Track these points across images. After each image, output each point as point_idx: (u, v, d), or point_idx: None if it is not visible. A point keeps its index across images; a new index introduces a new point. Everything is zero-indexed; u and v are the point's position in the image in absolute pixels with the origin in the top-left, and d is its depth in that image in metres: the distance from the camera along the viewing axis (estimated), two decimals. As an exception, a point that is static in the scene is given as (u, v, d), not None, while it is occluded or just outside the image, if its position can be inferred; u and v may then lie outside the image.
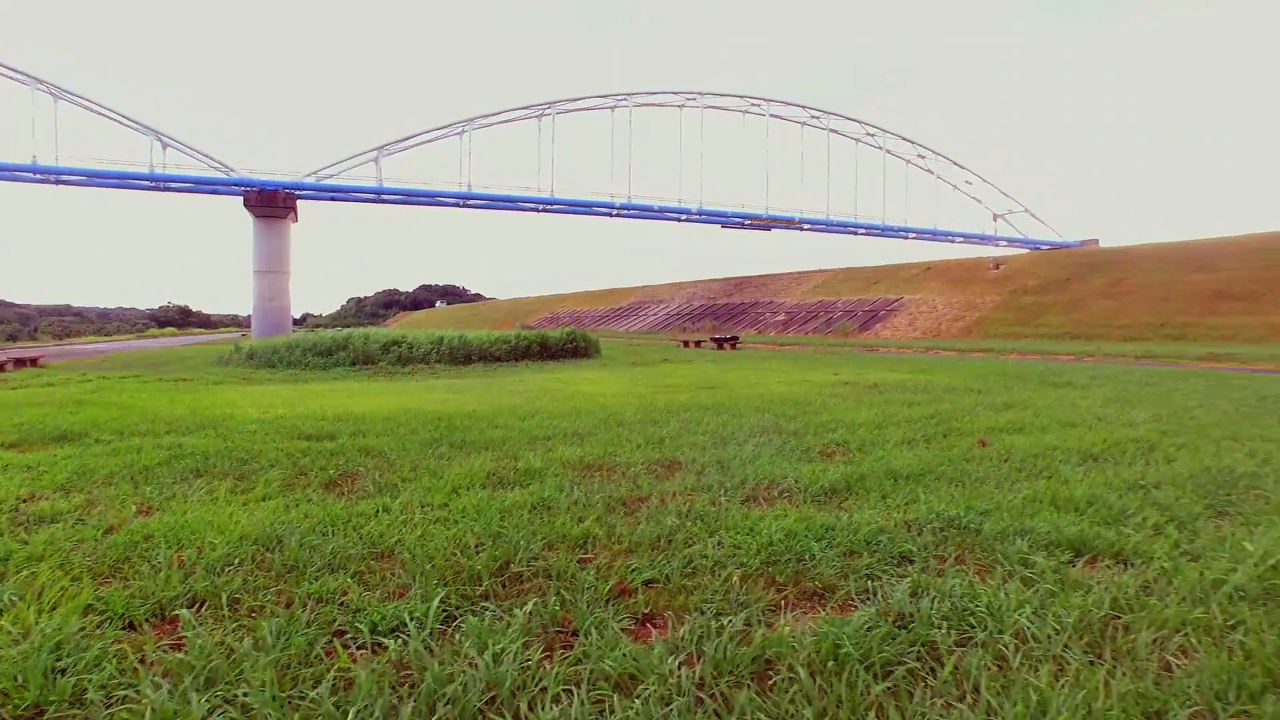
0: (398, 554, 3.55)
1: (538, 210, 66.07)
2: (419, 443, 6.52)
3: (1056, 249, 73.37)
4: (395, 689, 2.33)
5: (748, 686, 2.35)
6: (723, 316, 67.41)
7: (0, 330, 60.09)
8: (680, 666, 2.44)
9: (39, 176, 52.10)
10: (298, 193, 57.89)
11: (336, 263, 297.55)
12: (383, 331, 25.87)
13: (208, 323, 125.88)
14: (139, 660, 2.48)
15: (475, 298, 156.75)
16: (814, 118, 73.98)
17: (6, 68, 50.94)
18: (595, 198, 65.60)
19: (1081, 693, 2.27)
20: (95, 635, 2.63)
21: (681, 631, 2.70)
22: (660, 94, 68.68)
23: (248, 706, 2.21)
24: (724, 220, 70.15)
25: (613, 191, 65.87)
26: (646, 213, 67.47)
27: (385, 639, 2.66)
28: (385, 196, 61.05)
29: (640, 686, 2.33)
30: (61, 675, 2.36)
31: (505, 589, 3.17)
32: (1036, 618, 2.80)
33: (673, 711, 2.21)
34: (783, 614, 2.92)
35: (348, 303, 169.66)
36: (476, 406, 9.36)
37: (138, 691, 2.27)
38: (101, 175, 53.32)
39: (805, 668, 2.42)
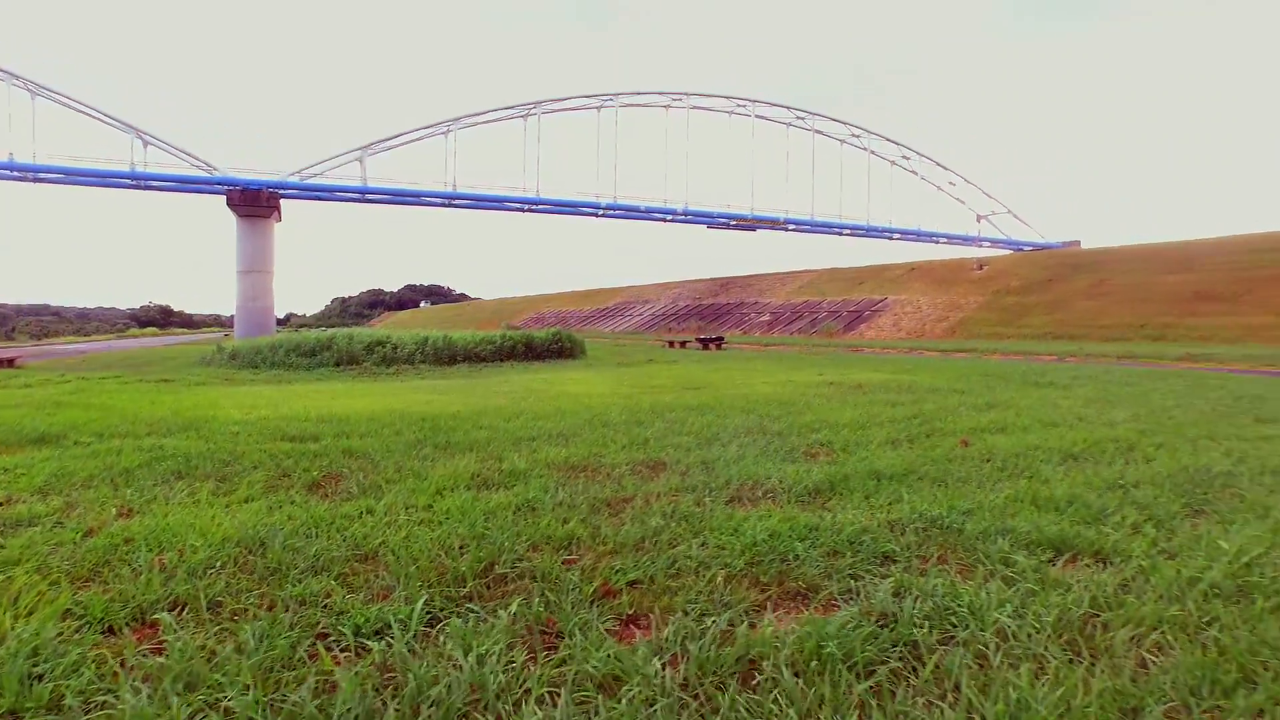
0: (382, 556, 3.53)
1: (523, 210, 65.97)
2: (403, 444, 6.49)
3: (1039, 250, 74.05)
4: (379, 692, 2.33)
5: (732, 687, 2.36)
6: (708, 317, 67.52)
7: (-23, 330, 59.28)
8: (664, 667, 2.45)
9: (16, 174, 51.47)
10: (281, 192, 57.52)
11: (321, 262, 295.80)
12: (367, 332, 25.73)
13: (190, 323, 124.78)
14: (119, 665, 2.46)
15: (460, 298, 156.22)
16: (799, 118, 74.32)
17: (-18, 64, 50.32)
18: (581, 198, 65.60)
19: (1060, 691, 2.29)
20: (74, 640, 2.60)
21: (666, 632, 2.70)
22: (646, 94, 68.77)
23: (230, 710, 2.20)
24: (709, 220, 70.31)
25: (598, 192, 65.91)
26: (632, 213, 67.51)
27: (369, 641, 2.64)
28: (370, 196, 60.75)
29: (624, 688, 2.34)
30: (39, 681, 2.33)
31: (490, 591, 3.17)
32: (1017, 616, 2.82)
33: (657, 712, 2.22)
34: (766, 614, 2.94)
35: (332, 303, 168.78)
36: (461, 407, 9.32)
37: (117, 696, 2.25)
38: (81, 173, 52.76)
39: (789, 668, 2.43)
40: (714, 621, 2.78)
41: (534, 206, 65.20)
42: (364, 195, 60.56)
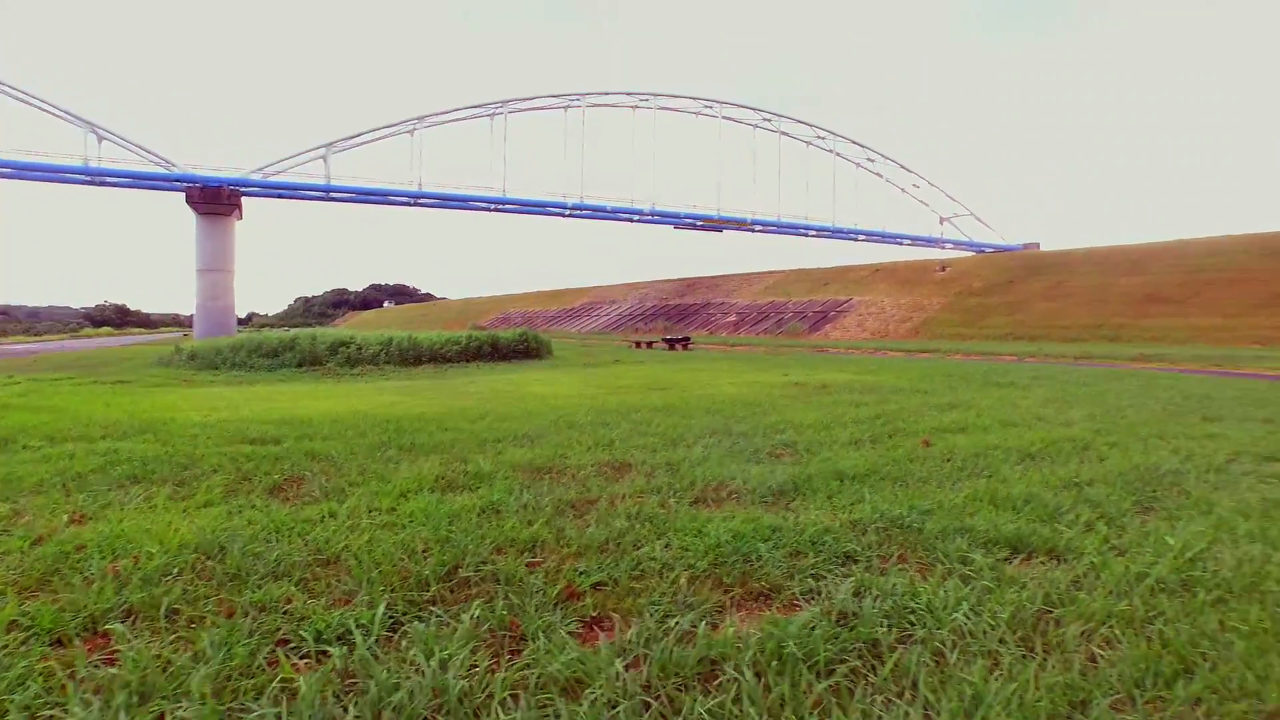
0: (344, 560, 3.49)
1: (490, 210, 65.61)
2: (367, 446, 6.42)
3: (1000, 252, 75.49)
4: (339, 699, 2.30)
5: (694, 688, 2.37)
6: (675, 317, 67.71)
7: (-79, 330, 57.36)
8: (627, 669, 2.46)
9: (-37, 169, 49.92)
10: (243, 190, 56.51)
11: (284, 261, 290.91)
12: (331, 332, 25.40)
13: (147, 322, 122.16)
14: (68, 677, 2.39)
15: (426, 297, 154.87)
16: (766, 120, 74.93)
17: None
18: (548, 198, 65.44)
19: (1013, 686, 2.34)
20: (19, 652, 2.53)
21: (629, 634, 2.71)
22: (613, 95, 68.82)
23: (184, 721, 2.16)
24: (676, 221, 70.56)
25: (565, 192, 65.80)
26: (599, 213, 67.50)
27: (330, 647, 2.60)
28: (334, 194, 59.98)
29: (587, 690, 2.34)
30: (-18, 695, 2.27)
31: (453, 594, 3.15)
32: (973, 614, 2.87)
33: (619, 715, 2.22)
34: (729, 615, 2.96)
35: (295, 302, 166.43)
36: (426, 409, 9.25)
37: (65, 710, 2.20)
38: (30, 168, 51.26)
39: (750, 668, 2.45)
40: (677, 623, 2.79)
41: (501, 206, 64.88)
42: (328, 194, 59.76)
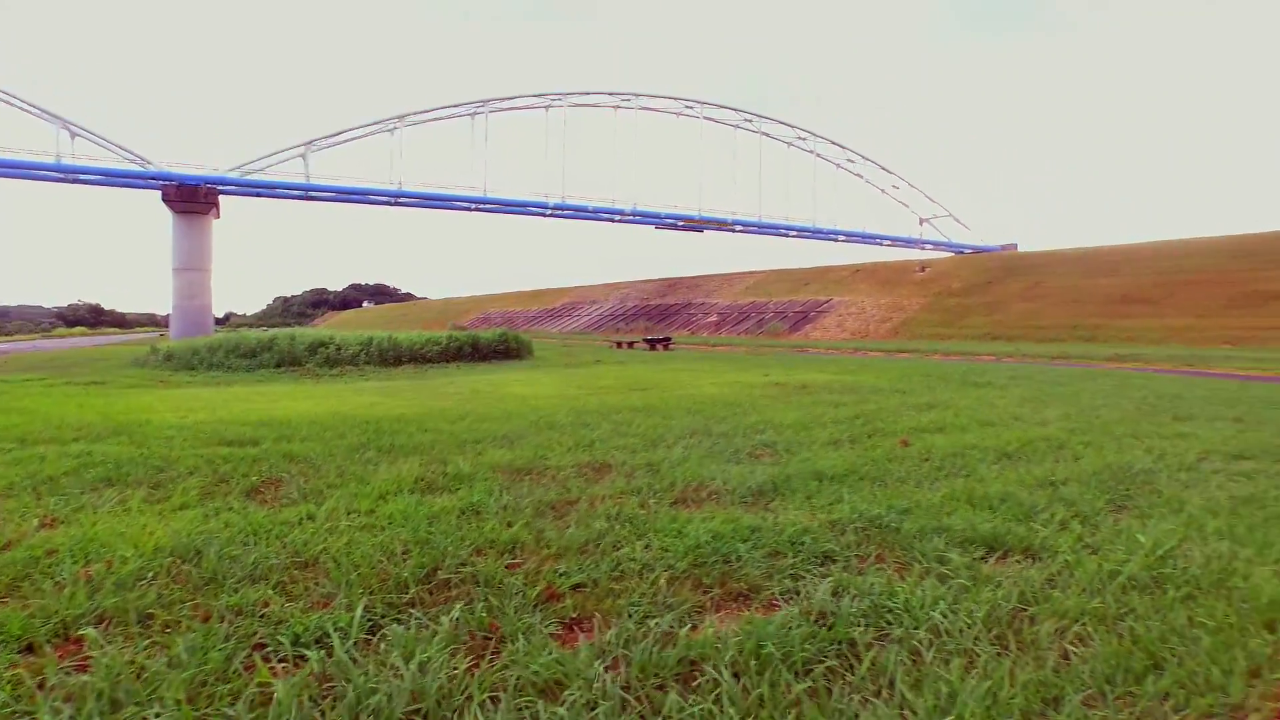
0: (322, 563, 3.46)
1: (471, 209, 65.30)
2: (346, 447, 6.37)
3: (979, 253, 76.18)
4: (317, 702, 2.28)
5: (673, 689, 2.38)
6: (656, 317, 67.77)
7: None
8: (606, 670, 2.46)
9: (-71, 165, 48.95)
10: (220, 188, 55.80)
11: (262, 260, 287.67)
12: (310, 332, 25.21)
13: (122, 322, 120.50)
14: (37, 685, 2.35)
15: (406, 297, 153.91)
16: (747, 121, 75.13)
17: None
18: (529, 197, 65.22)
19: (988, 683, 2.37)
20: (-11, 659, 2.49)
21: (608, 635, 2.72)
22: (595, 95, 68.73)
23: (158, 727, 2.14)
24: (657, 221, 70.57)
25: (547, 191, 65.62)
26: (580, 213, 67.37)
27: (308, 651, 2.59)
28: (313, 194, 59.43)
29: (566, 692, 2.34)
30: (-52, 704, 2.23)
31: (432, 596, 3.13)
32: (950, 613, 2.90)
33: (598, 716, 2.23)
34: (708, 615, 2.97)
35: (274, 302, 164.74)
36: (406, 410, 9.20)
37: (35, 718, 2.17)
38: (1, 164, 50.32)
39: (729, 669, 2.46)
40: (656, 624, 2.80)
41: (482, 205, 64.58)
42: (308, 193, 59.21)
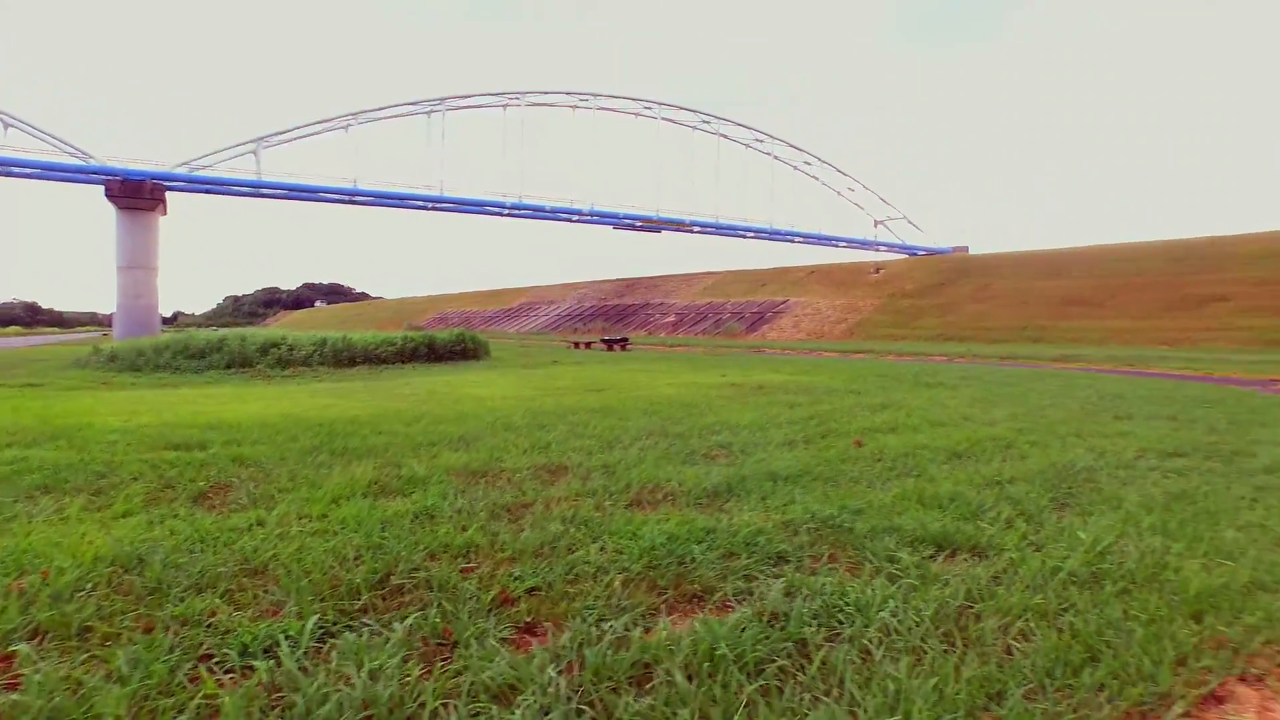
0: (272, 570, 3.40)
1: (427, 208, 64.57)
2: (298, 451, 6.26)
3: (931, 255, 77.69)
4: (265, 714, 2.25)
5: (627, 692, 2.39)
6: (614, 317, 67.78)
7: None
8: (560, 674, 2.46)
9: None
10: (167, 184, 54.24)
11: (212, 259, 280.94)
12: (262, 332, 24.64)
13: (61, 321, 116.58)
14: (-35, 704, 2.28)
15: (361, 297, 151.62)
16: (704, 122, 75.56)
17: None
18: (487, 197, 64.75)
19: (935, 680, 2.43)
20: (-87, 679, 2.39)
21: (562, 639, 2.72)
22: (553, 94, 68.48)
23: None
24: (615, 221, 70.58)
25: (504, 191, 65.21)
26: (538, 213, 67.09)
27: (256, 661, 2.53)
28: (265, 191, 58.14)
29: (520, 696, 2.34)
30: None
31: (385, 602, 3.10)
32: (899, 611, 2.96)
33: (552, 720, 2.23)
34: (662, 617, 2.99)
35: (224, 301, 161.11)
36: (360, 412, 9.06)
37: (-36, 738, 2.10)
38: (-73, 156, 48.28)
39: (682, 670, 2.48)
40: (611, 626, 2.80)
41: (438, 205, 63.91)
42: (259, 190, 57.91)
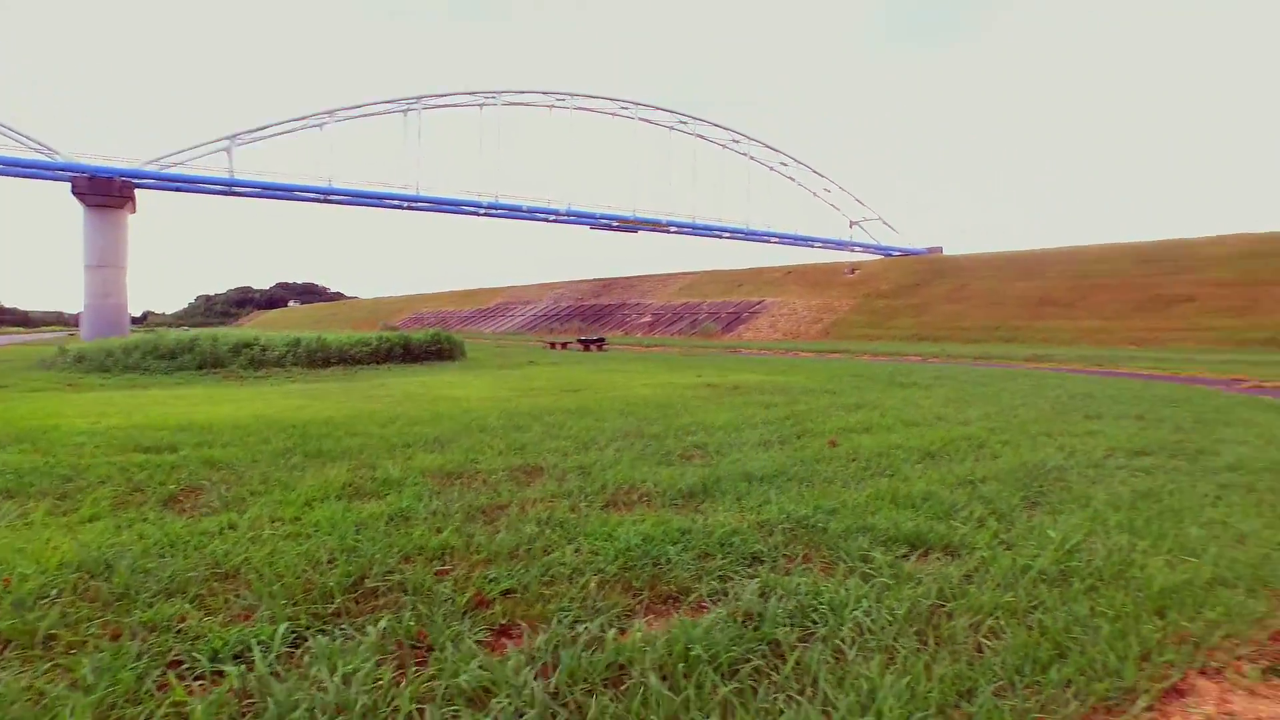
0: (244, 574, 3.35)
1: (403, 208, 64.10)
2: (270, 453, 6.18)
3: (906, 255, 78.43)
4: (235, 720, 2.22)
5: (601, 694, 2.39)
6: (590, 317, 67.72)
7: None
8: (535, 677, 2.45)
9: None
10: (137, 181, 53.28)
11: (184, 257, 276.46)
12: (234, 332, 24.30)
13: (26, 321, 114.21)
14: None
15: (336, 296, 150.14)
16: (682, 122, 75.68)
17: None
18: (463, 196, 64.37)
19: (907, 679, 2.45)
20: None
21: (538, 641, 2.71)
22: (529, 94, 68.26)
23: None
24: (592, 221, 70.51)
25: (481, 190, 64.89)
26: (515, 213, 66.83)
27: (227, 666, 2.50)
28: (238, 189, 57.32)
29: (494, 700, 2.33)
30: None
31: (359, 605, 3.07)
32: (873, 611, 2.98)
33: (526, 723, 2.23)
34: (637, 619, 3.00)
35: (196, 300, 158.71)
36: (334, 413, 8.97)
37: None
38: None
39: (657, 671, 2.49)
40: (585, 628, 2.80)
41: (414, 204, 63.45)
42: (231, 188, 57.09)
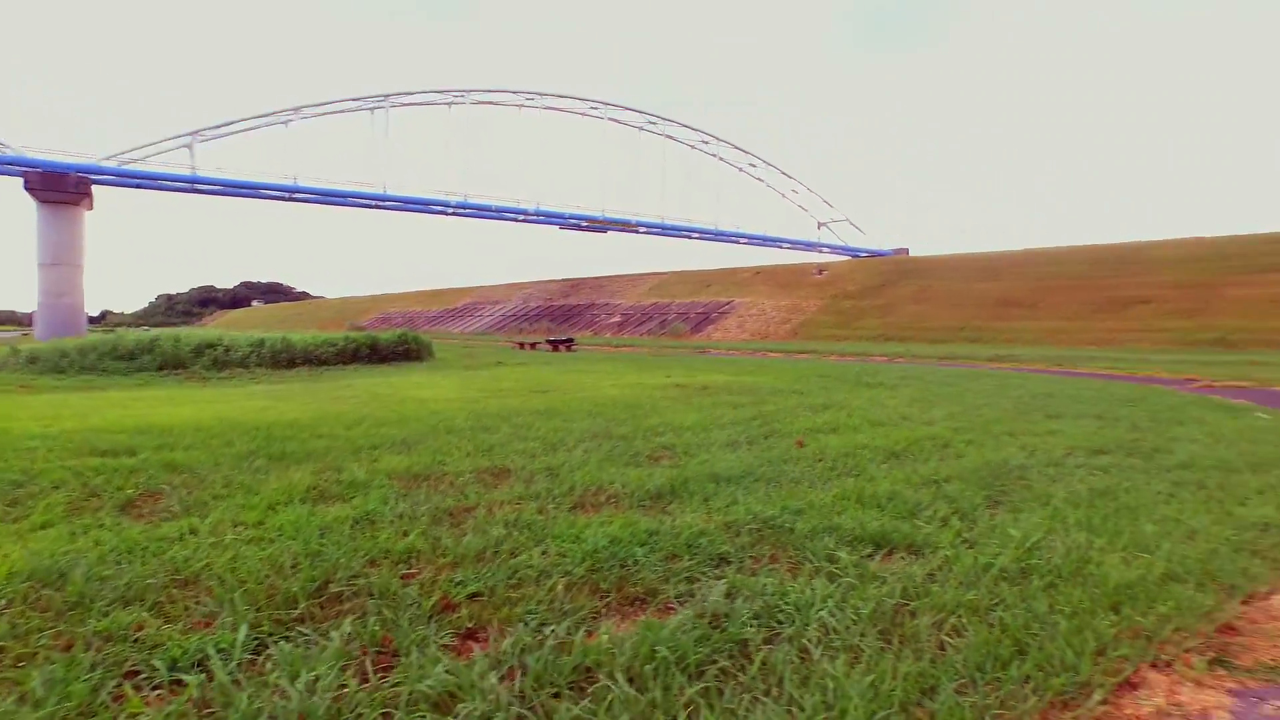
0: (204, 580, 3.29)
1: (370, 206, 63.42)
2: (233, 455, 6.07)
3: (873, 256, 79.33)
4: (194, 731, 2.18)
5: (568, 697, 2.39)
6: (559, 318, 67.52)
7: None
8: (501, 681, 2.44)
9: None
10: (94, 177, 51.99)
11: (145, 256, 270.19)
12: (197, 332, 23.87)
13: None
14: None
15: (301, 296, 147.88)
16: (651, 123, 75.85)
17: None
18: (431, 195, 63.85)
19: (871, 677, 2.48)
20: None
21: (504, 644, 2.69)
22: (499, 92, 67.93)
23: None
24: (561, 221, 70.36)
25: (449, 190, 64.42)
26: (484, 212, 66.46)
27: (186, 675, 2.45)
28: (200, 186, 56.27)
29: (460, 705, 2.31)
30: None
31: (323, 610, 3.03)
32: (838, 610, 3.01)
33: (492, 728, 2.21)
34: (605, 621, 3.00)
35: (157, 299, 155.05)
36: (299, 414, 8.84)
37: None
38: None
39: (624, 674, 2.49)
40: (553, 631, 2.80)
41: (382, 203, 62.80)
42: (194, 185, 56.02)
